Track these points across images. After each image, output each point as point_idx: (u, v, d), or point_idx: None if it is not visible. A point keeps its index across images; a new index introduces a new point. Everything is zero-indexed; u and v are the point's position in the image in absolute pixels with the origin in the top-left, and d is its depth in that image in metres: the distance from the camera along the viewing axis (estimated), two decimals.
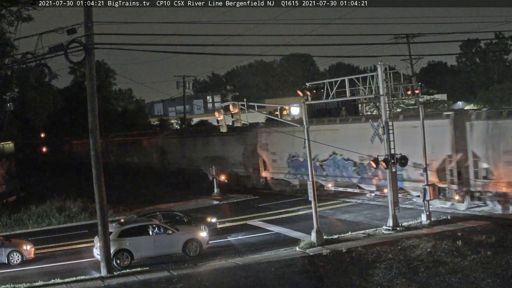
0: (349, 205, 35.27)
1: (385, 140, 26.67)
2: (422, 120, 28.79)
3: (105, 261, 23.03)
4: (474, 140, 29.07)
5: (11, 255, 25.99)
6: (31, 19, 43.38)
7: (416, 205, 31.64)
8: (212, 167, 43.05)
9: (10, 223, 35.31)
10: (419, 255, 22.39)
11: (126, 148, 73.07)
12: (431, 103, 69.15)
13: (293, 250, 24.73)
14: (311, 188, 25.63)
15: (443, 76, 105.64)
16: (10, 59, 39.31)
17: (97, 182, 23.15)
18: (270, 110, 56.13)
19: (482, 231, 24.66)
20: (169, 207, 36.65)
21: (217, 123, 30.61)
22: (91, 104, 23.05)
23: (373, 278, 20.77)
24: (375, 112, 62.78)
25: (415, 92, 29.12)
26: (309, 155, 26.19)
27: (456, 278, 19.94)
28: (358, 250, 23.56)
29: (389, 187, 26.90)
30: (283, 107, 30.81)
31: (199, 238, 25.40)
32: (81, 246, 28.92)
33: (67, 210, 36.94)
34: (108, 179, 25.48)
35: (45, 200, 38.99)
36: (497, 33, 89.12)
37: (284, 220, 31.98)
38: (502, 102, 68.20)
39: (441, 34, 55.80)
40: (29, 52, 23.31)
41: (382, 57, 38.43)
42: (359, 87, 28.96)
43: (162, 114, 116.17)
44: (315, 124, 35.12)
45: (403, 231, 26.17)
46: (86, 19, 22.17)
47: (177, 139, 59.99)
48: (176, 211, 30.75)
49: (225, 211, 37.20)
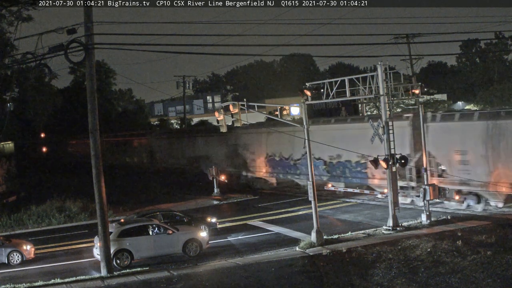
0: (349, 205, 35.28)
1: (385, 140, 26.70)
2: (422, 120, 28.86)
3: (105, 261, 23.03)
4: (430, 140, 30.56)
5: (11, 255, 25.98)
6: (31, 19, 43.42)
7: (416, 205, 31.66)
8: (212, 167, 43.13)
9: (10, 223, 35.30)
10: (419, 255, 22.39)
11: (117, 148, 74.18)
12: (431, 103, 69.12)
13: (293, 250, 24.73)
14: (311, 188, 25.63)
15: (443, 76, 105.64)
16: (10, 59, 39.33)
17: (97, 182, 23.14)
18: (270, 110, 56.12)
19: (482, 231, 24.66)
20: (169, 207, 36.65)
21: (217, 123, 30.60)
22: (91, 104, 23.04)
23: (373, 278, 20.77)
24: (375, 112, 62.79)
25: (415, 92, 29.13)
26: (309, 155, 26.18)
27: (456, 278, 19.94)
28: (358, 250, 23.56)
29: (389, 187, 26.91)
30: (283, 107, 30.81)
31: (199, 238, 25.40)
32: (81, 246, 28.92)
33: (67, 210, 36.94)
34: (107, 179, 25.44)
35: (45, 200, 38.98)
36: (497, 33, 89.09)
37: (284, 220, 31.99)
38: (502, 102, 68.17)
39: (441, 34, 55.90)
40: (29, 52, 23.33)
41: (382, 57, 38.52)
42: (359, 87, 28.97)
43: (162, 114, 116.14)
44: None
45: (403, 231, 26.17)
46: (86, 19, 22.17)
47: (164, 140, 62.50)
48: (176, 211, 30.74)
49: (225, 211, 37.20)
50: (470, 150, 29.16)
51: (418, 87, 29.20)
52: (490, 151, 28.25)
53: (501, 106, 68.96)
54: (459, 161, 29.68)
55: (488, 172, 28.32)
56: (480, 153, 28.63)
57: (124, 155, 72.90)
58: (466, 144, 29.31)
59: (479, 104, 73.59)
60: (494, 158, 28.12)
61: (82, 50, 22.03)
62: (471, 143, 29.05)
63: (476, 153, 28.87)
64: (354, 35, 66.03)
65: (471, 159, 29.13)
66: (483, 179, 28.40)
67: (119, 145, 74.77)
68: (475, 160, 28.96)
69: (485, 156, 28.44)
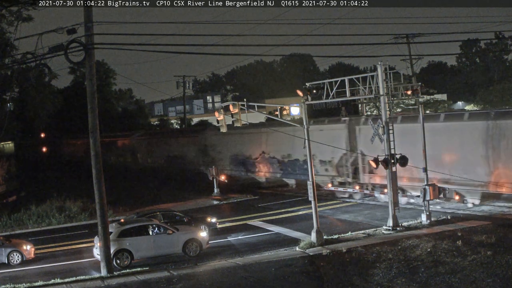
0: (349, 205, 35.28)
1: (385, 140, 26.69)
2: (422, 121, 28.84)
3: (105, 261, 23.03)
4: (362, 141, 34.67)
5: (11, 255, 25.98)
6: (31, 19, 43.36)
7: (416, 205, 31.66)
8: (212, 167, 43.22)
9: (10, 223, 35.31)
10: (419, 255, 22.38)
11: (105, 148, 74.79)
12: (431, 103, 69.13)
13: (293, 250, 24.73)
14: (311, 188, 25.62)
15: (443, 76, 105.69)
16: (10, 59, 39.33)
17: (97, 182, 23.15)
18: (270, 110, 56.12)
19: (482, 231, 24.65)
20: (169, 207, 36.64)
21: (217, 123, 30.61)
22: (91, 104, 23.04)
23: (373, 278, 20.76)
24: (375, 112, 62.79)
25: (415, 92, 29.12)
26: (309, 155, 26.18)
27: (456, 278, 19.93)
28: (358, 250, 23.56)
29: (389, 187, 26.91)
30: (283, 107, 30.83)
31: (199, 238, 25.40)
32: (81, 246, 28.93)
33: (67, 210, 36.93)
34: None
35: (45, 200, 38.98)
36: (497, 33, 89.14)
37: (284, 220, 31.99)
38: (502, 102, 68.19)
39: (441, 34, 55.86)
40: (29, 52, 23.36)
41: (382, 57, 38.80)
42: (359, 87, 28.95)
43: (162, 114, 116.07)
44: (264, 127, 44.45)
45: (403, 231, 26.16)
46: (86, 19, 22.17)
47: (145, 140, 66.50)
48: (176, 211, 30.74)
49: (225, 211, 37.21)
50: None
51: (418, 87, 29.19)
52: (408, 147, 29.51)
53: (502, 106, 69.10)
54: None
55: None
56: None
57: (110, 155, 73.98)
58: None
59: (479, 104, 73.59)
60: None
61: (82, 50, 22.03)
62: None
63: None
64: (354, 35, 66.23)
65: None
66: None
67: (104, 145, 75.54)
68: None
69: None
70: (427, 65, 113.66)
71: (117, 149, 73.08)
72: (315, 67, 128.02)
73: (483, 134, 29.11)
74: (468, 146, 29.79)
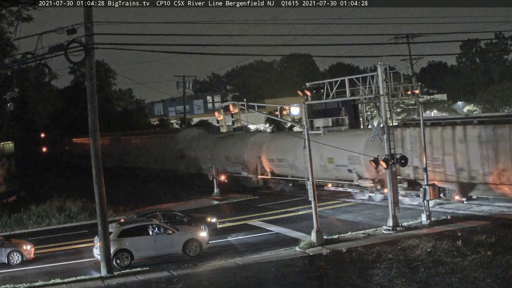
0: (349, 205, 35.26)
1: (385, 140, 26.69)
2: (422, 121, 28.83)
3: (105, 261, 23.03)
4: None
5: (11, 255, 25.96)
6: (31, 19, 43.32)
7: (417, 205, 31.67)
8: (212, 167, 43.09)
9: (10, 223, 35.28)
10: (419, 255, 22.38)
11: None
12: (431, 103, 69.15)
13: (293, 250, 24.72)
14: (311, 188, 25.61)
15: (443, 76, 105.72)
16: (10, 59, 39.29)
17: (97, 182, 23.15)
18: (270, 110, 56.16)
19: (482, 231, 24.65)
20: (169, 207, 36.63)
21: (217, 123, 30.67)
22: (91, 104, 23.04)
23: (373, 278, 20.76)
24: (375, 112, 62.78)
25: (415, 92, 29.13)
26: (309, 155, 26.18)
27: (456, 278, 19.93)
28: (358, 250, 23.55)
29: (388, 187, 26.90)
30: (283, 107, 30.93)
31: (199, 238, 25.39)
32: (81, 246, 28.92)
33: (67, 210, 36.90)
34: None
35: (45, 200, 38.95)
36: (497, 33, 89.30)
37: (284, 220, 31.97)
38: (502, 102, 68.23)
39: (441, 34, 55.74)
40: (29, 52, 23.31)
41: (382, 57, 38.60)
42: (359, 87, 28.97)
43: (162, 114, 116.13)
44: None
45: (403, 231, 26.16)
46: (86, 19, 22.17)
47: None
48: (176, 211, 30.72)
49: (225, 211, 37.19)
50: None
51: (418, 87, 29.19)
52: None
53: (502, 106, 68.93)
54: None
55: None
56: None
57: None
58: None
59: (479, 104, 73.58)
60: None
61: (82, 50, 22.04)
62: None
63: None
64: (354, 35, 66.17)
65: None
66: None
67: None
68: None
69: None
70: (427, 65, 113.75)
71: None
72: (315, 67, 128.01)
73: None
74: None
